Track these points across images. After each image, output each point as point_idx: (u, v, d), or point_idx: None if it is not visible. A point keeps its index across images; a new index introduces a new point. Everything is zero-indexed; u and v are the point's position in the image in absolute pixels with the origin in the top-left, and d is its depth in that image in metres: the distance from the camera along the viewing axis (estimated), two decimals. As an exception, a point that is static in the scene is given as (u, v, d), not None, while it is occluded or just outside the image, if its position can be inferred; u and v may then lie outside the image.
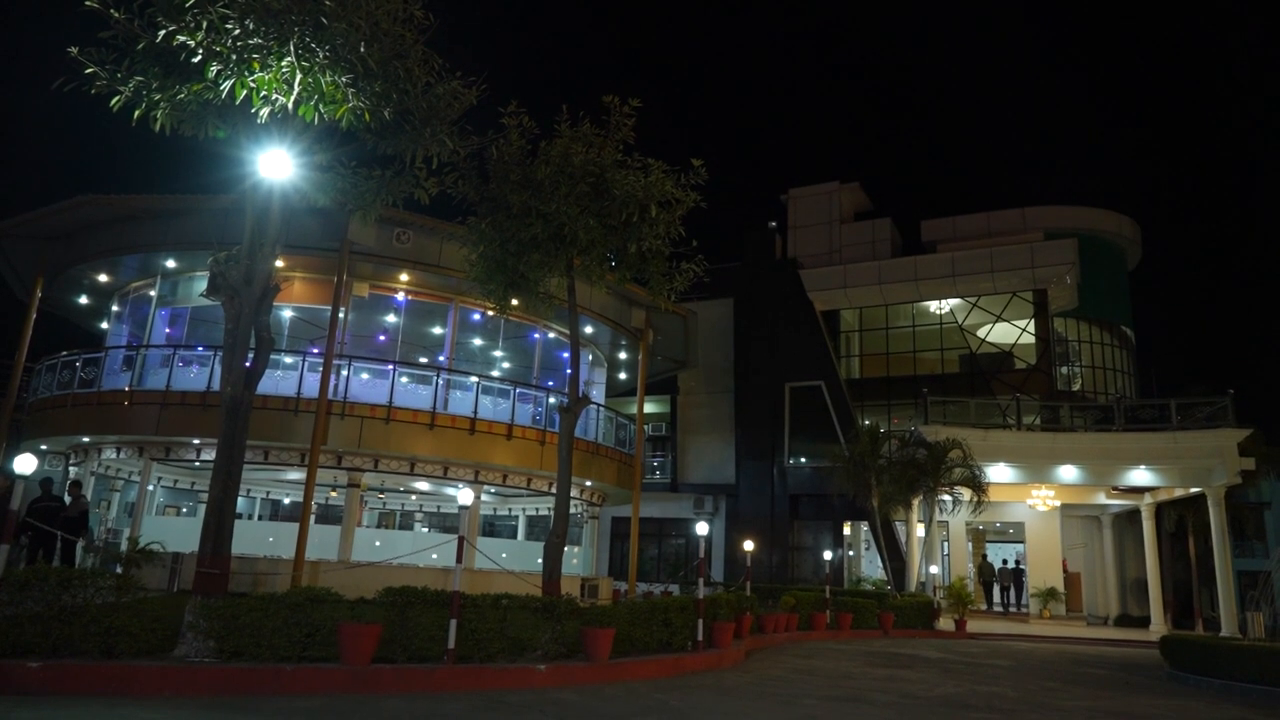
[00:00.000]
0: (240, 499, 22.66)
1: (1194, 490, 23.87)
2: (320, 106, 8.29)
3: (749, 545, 18.80)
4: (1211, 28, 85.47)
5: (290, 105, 8.17)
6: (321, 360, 15.94)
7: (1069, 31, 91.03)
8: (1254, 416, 23.50)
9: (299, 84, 7.96)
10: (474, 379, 18.43)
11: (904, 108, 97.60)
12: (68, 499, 14.40)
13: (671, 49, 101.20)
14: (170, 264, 18.24)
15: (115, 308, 20.23)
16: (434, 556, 17.03)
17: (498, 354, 22.96)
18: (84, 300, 20.91)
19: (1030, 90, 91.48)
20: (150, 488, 17.91)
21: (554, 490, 13.09)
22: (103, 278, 19.47)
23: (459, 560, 9.22)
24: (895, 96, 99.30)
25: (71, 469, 18.89)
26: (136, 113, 8.27)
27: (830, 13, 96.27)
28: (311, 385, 15.94)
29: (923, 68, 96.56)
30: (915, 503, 23.95)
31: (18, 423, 18.78)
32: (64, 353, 18.17)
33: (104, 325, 21.26)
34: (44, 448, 18.84)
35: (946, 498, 23.08)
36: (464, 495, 10.13)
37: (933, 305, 31.70)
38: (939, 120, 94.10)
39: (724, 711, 7.99)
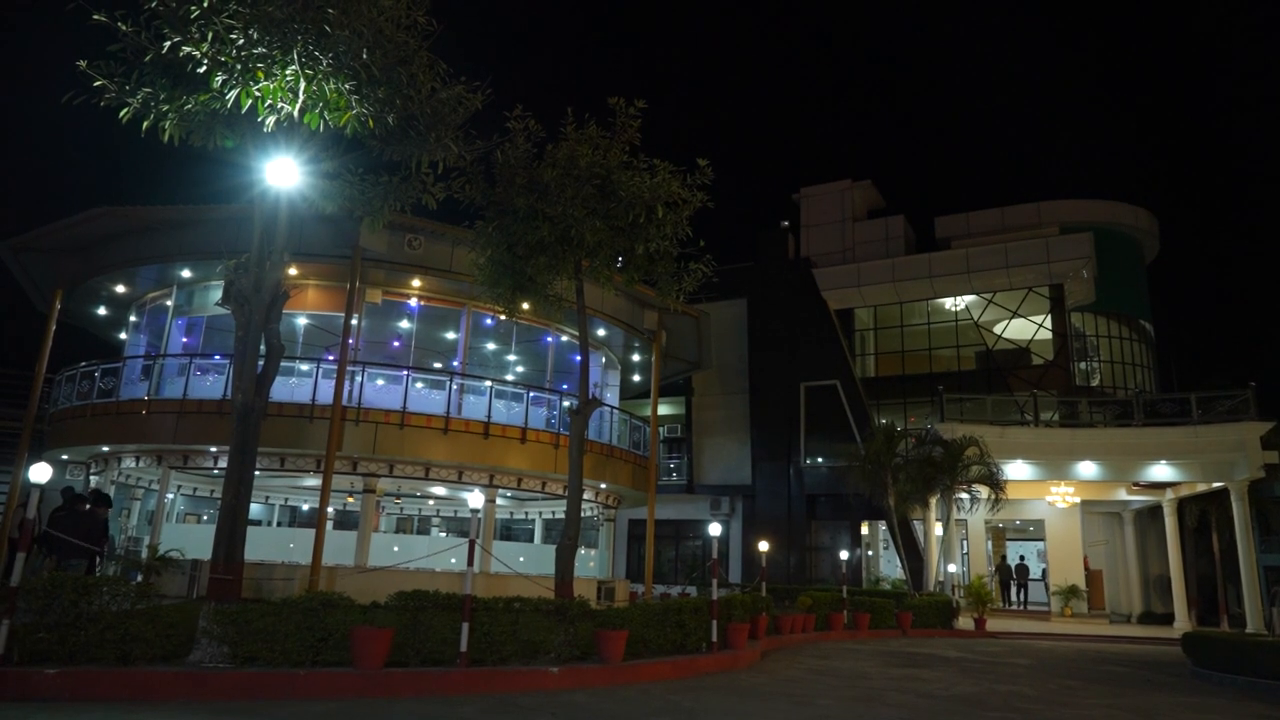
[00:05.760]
0: (259, 506, 23.00)
1: (1216, 485, 23.57)
2: (325, 114, 8.35)
3: (765, 546, 18.75)
4: (1227, 17, 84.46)
5: (296, 113, 8.24)
6: (336, 367, 16.05)
7: (1081, 23, 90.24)
8: (1277, 409, 23.17)
9: (304, 92, 8.03)
10: (488, 383, 18.48)
11: (915, 104, 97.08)
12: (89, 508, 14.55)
13: (679, 48, 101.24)
14: (186, 274, 18.43)
15: (133, 318, 20.46)
16: (452, 561, 17.11)
17: (511, 358, 23.03)
18: (102, 311, 21.17)
19: (1043, 83, 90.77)
20: (169, 496, 18.09)
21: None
22: (120, 289, 19.70)
23: (470, 564, 9.25)
24: (906, 92, 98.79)
25: (92, 478, 19.11)
26: (145, 124, 8.37)
27: (839, 9, 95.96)
28: (326, 392, 16.03)
29: (934, 63, 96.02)
30: (933, 501, 23.80)
31: (39, 433, 19.02)
32: (83, 363, 18.39)
33: (122, 335, 21.49)
34: (65, 457, 19.07)
35: (964, 496, 22.90)
36: (474, 499, 10.14)
37: (948, 302, 31.50)
38: (951, 116, 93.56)
39: (737, 712, 7.96)
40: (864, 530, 30.58)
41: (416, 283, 18.10)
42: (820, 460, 30.43)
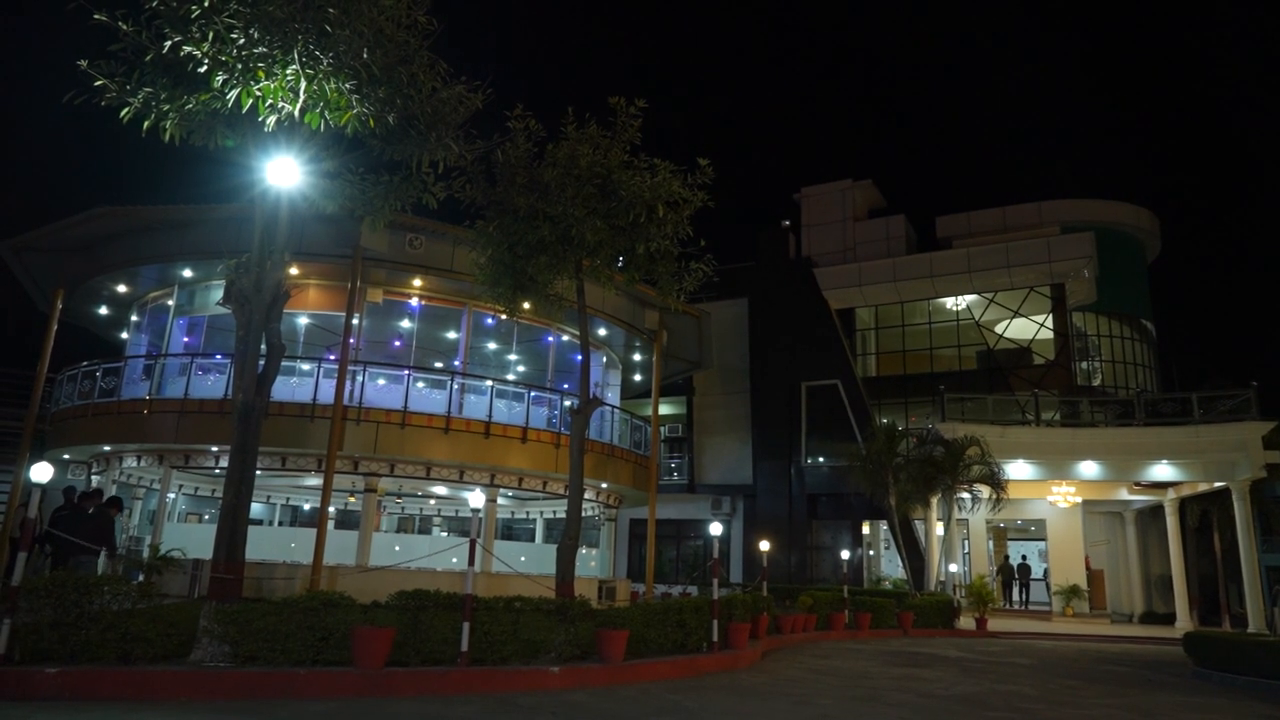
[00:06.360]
0: (261, 505, 23.00)
1: (1218, 484, 23.54)
2: (326, 114, 8.36)
3: (766, 545, 18.74)
4: (1228, 17, 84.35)
5: (296, 113, 8.25)
6: (337, 366, 16.05)
7: (1082, 23, 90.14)
8: (1278, 408, 23.13)
9: (304, 92, 8.03)
10: (489, 383, 18.48)
11: (915, 103, 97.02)
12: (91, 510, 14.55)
13: (679, 48, 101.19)
14: (187, 273, 18.43)
15: (134, 318, 20.46)
16: (453, 560, 17.10)
17: (512, 358, 23.03)
18: (104, 311, 21.18)
19: (1043, 83, 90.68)
20: (171, 495, 18.09)
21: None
22: (121, 288, 19.70)
23: (471, 563, 9.25)
24: (906, 92, 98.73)
25: (94, 478, 19.13)
26: (146, 123, 8.37)
27: (840, 9, 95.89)
28: (327, 391, 16.03)
29: (934, 63, 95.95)
30: (934, 501, 23.80)
31: (40, 433, 19.02)
32: (84, 363, 18.39)
33: (124, 335, 21.49)
34: (66, 457, 19.08)
35: (965, 495, 22.89)
36: (475, 498, 10.15)
37: (949, 302, 31.48)
38: (951, 116, 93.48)
39: (737, 712, 7.96)
40: (865, 530, 30.57)
41: (417, 282, 18.11)
42: (821, 460, 30.42)
